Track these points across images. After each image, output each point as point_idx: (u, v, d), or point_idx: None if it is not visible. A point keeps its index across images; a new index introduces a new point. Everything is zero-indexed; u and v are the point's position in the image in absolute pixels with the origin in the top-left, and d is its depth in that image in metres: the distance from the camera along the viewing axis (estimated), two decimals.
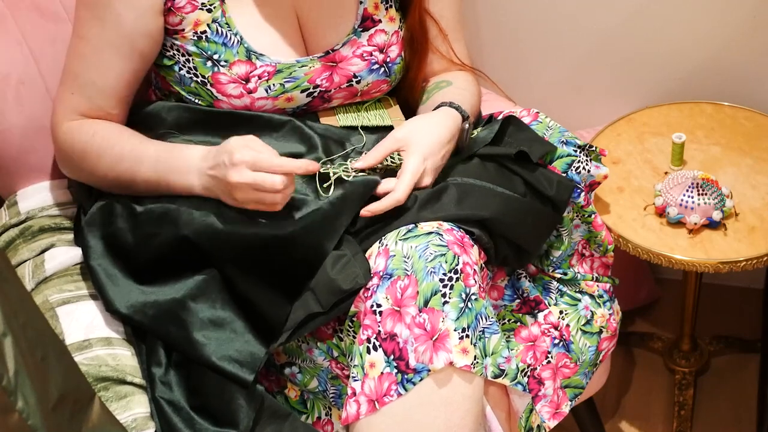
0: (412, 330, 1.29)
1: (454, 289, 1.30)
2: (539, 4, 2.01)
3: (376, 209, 1.37)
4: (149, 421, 1.37)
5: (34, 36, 1.66)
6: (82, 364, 1.36)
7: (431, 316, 1.29)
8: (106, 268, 1.44)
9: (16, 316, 1.13)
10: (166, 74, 1.52)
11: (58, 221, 1.62)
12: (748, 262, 1.65)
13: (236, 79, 1.48)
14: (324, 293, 1.34)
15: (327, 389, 1.44)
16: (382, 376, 1.29)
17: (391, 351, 1.29)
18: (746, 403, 2.07)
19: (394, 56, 1.57)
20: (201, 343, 1.37)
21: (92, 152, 1.47)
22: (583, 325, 1.53)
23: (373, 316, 1.30)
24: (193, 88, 1.50)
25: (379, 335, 1.30)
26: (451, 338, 1.29)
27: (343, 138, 1.52)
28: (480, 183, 1.42)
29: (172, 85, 1.52)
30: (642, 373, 2.16)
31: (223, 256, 1.39)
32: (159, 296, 1.40)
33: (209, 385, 1.38)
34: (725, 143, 1.86)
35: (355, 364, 1.31)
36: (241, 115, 1.50)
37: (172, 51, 1.49)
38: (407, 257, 1.31)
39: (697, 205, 1.68)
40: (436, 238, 1.32)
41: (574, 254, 1.55)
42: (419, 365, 1.28)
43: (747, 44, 1.94)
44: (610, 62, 2.04)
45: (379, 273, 1.32)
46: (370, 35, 1.55)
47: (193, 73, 1.49)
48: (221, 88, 1.49)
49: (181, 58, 1.49)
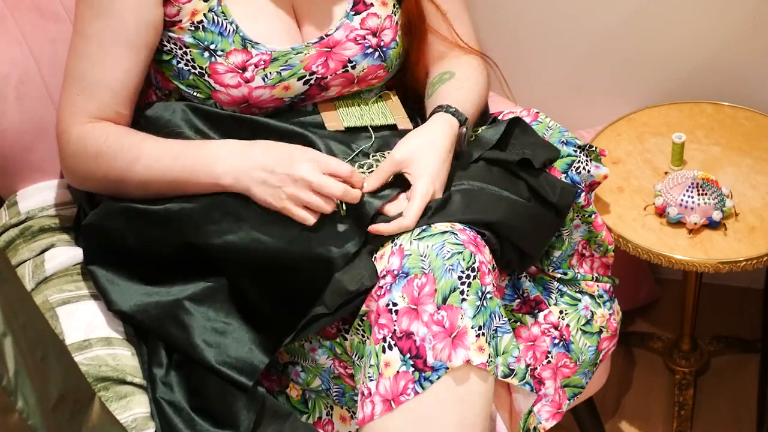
0: (430, 327, 1.28)
1: (471, 286, 1.30)
2: (539, 4, 2.01)
3: (383, 231, 1.35)
4: (149, 421, 1.37)
5: (34, 36, 1.66)
6: (82, 364, 1.36)
7: (450, 313, 1.28)
8: (108, 269, 1.44)
9: (16, 316, 1.13)
10: (165, 69, 1.52)
11: (58, 221, 1.62)
12: (748, 262, 1.65)
13: (233, 69, 1.48)
14: (329, 294, 1.33)
15: (330, 387, 1.44)
16: (398, 375, 1.28)
17: (407, 349, 1.28)
18: (746, 403, 2.07)
19: (388, 41, 1.57)
20: (201, 348, 1.37)
21: (107, 155, 1.44)
22: (583, 325, 1.53)
23: (389, 315, 1.30)
24: (191, 80, 1.50)
25: (395, 334, 1.29)
26: (469, 336, 1.28)
27: (347, 140, 1.51)
28: (486, 186, 1.41)
29: (171, 80, 1.52)
30: (642, 373, 2.16)
31: (231, 266, 1.39)
32: (162, 297, 1.40)
33: (210, 386, 1.38)
34: (725, 143, 1.86)
35: (371, 363, 1.30)
36: (242, 118, 1.50)
37: (170, 45, 1.49)
38: (424, 256, 1.30)
39: (697, 205, 1.68)
40: (452, 237, 1.32)
41: (575, 254, 1.55)
42: (437, 363, 1.28)
43: (747, 44, 1.94)
44: (610, 62, 2.04)
45: (393, 272, 1.31)
46: (363, 18, 1.55)
47: (191, 65, 1.49)
48: (218, 78, 1.48)
49: (179, 51, 1.49)
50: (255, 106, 1.52)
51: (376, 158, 1.48)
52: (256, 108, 1.52)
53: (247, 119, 1.50)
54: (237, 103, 1.50)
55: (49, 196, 1.67)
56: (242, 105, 1.51)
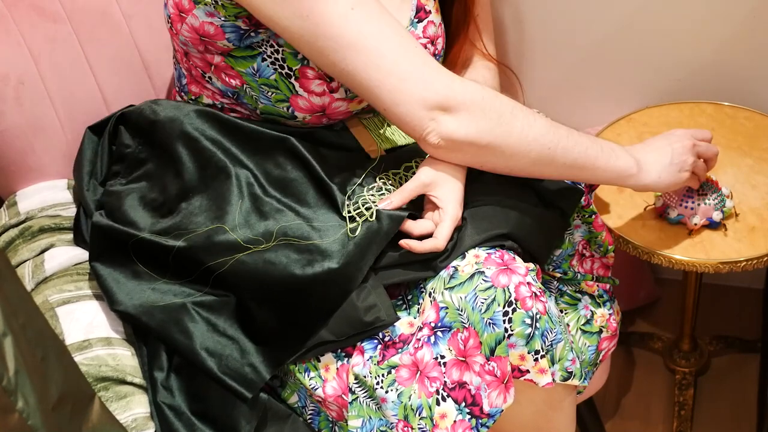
0: (483, 377, 1.29)
1: (515, 321, 1.29)
2: (539, 4, 2.01)
3: (415, 248, 1.33)
4: (149, 421, 1.37)
5: (34, 36, 1.66)
6: (82, 364, 1.36)
7: (500, 363, 1.29)
8: (113, 267, 1.43)
9: (16, 316, 1.13)
10: (238, 65, 1.45)
11: (58, 221, 1.62)
12: (748, 263, 1.65)
13: (322, 76, 1.43)
14: (341, 320, 1.33)
15: (306, 405, 1.43)
16: (455, 424, 1.29)
17: (462, 399, 1.29)
18: (746, 403, 2.07)
19: (440, 49, 1.56)
20: (203, 356, 1.36)
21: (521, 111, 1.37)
22: (583, 324, 1.53)
23: (439, 368, 1.29)
24: (272, 80, 1.44)
25: (446, 386, 1.29)
26: (527, 361, 1.31)
27: (354, 164, 1.49)
28: (493, 198, 1.40)
29: (242, 76, 1.45)
30: (642, 373, 2.16)
31: (242, 285, 1.38)
32: (168, 300, 1.40)
33: (211, 390, 1.38)
34: (725, 143, 1.86)
35: (422, 416, 1.30)
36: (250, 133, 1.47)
37: (261, 41, 1.42)
38: (461, 310, 1.29)
39: (698, 205, 1.68)
40: (480, 280, 1.30)
41: (575, 255, 1.55)
42: (493, 410, 1.29)
43: (747, 44, 1.94)
44: (610, 62, 2.04)
45: (430, 324, 1.30)
46: (424, 27, 1.53)
47: (279, 64, 1.43)
48: (306, 83, 1.44)
49: (269, 48, 1.43)
50: (328, 117, 1.49)
51: (384, 181, 1.46)
52: (327, 119, 1.49)
53: (261, 134, 1.47)
54: (313, 111, 1.47)
55: (49, 196, 1.67)
56: (317, 113, 1.48)
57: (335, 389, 1.37)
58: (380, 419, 1.33)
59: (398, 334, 1.34)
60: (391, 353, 1.33)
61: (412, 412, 1.30)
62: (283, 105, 1.47)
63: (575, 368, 1.36)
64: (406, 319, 1.36)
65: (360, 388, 1.35)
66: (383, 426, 1.32)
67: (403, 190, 1.39)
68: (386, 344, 1.34)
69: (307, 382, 1.38)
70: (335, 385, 1.37)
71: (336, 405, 1.38)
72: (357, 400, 1.35)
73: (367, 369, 1.33)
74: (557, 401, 1.41)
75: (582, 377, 1.39)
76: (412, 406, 1.30)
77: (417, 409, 1.30)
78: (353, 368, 1.34)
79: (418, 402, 1.30)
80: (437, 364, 1.29)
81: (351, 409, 1.34)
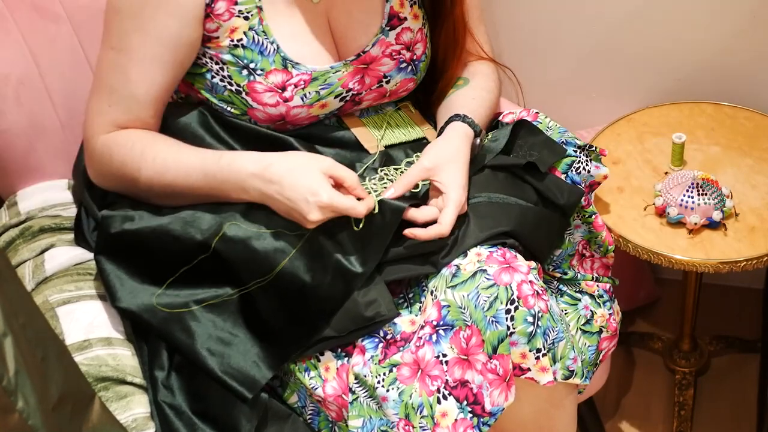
0: (485, 375, 1.29)
1: (517, 319, 1.30)
2: (539, 4, 2.01)
3: (420, 236, 1.35)
4: (149, 421, 1.37)
5: (34, 36, 1.66)
6: (82, 364, 1.36)
7: (502, 362, 1.30)
8: (118, 264, 1.42)
9: (16, 316, 1.13)
10: (196, 82, 1.50)
11: (58, 221, 1.62)
12: (748, 262, 1.65)
13: (272, 88, 1.46)
14: (343, 317, 1.34)
15: (306, 405, 1.43)
16: (456, 422, 1.29)
17: (463, 397, 1.30)
18: (746, 403, 2.07)
19: (420, 54, 1.57)
20: (204, 356, 1.36)
21: (132, 164, 1.43)
22: (583, 324, 1.53)
23: (440, 366, 1.30)
24: (226, 96, 1.48)
25: (447, 384, 1.30)
26: (528, 360, 1.31)
27: (354, 158, 1.51)
28: (494, 196, 1.41)
29: (202, 93, 1.50)
30: (642, 373, 2.16)
31: (249, 276, 1.38)
32: (171, 299, 1.39)
33: (212, 390, 1.38)
34: (725, 143, 1.86)
35: (423, 414, 1.30)
36: (249, 132, 1.49)
37: (205, 59, 1.47)
38: (463, 308, 1.30)
39: (697, 205, 1.68)
40: (483, 278, 1.31)
41: (575, 255, 1.55)
42: (495, 408, 1.30)
43: (747, 44, 1.94)
44: (610, 62, 2.04)
45: (432, 323, 1.31)
46: (397, 33, 1.55)
47: (227, 81, 1.47)
48: (257, 96, 1.47)
49: (215, 66, 1.47)
50: (291, 124, 1.51)
51: (385, 172, 1.48)
52: (291, 125, 1.51)
53: (260, 133, 1.49)
54: (273, 121, 1.49)
55: (49, 196, 1.67)
56: (278, 122, 1.50)
57: (335, 389, 1.37)
58: (381, 419, 1.33)
59: (400, 332, 1.34)
60: (392, 351, 1.33)
61: (413, 411, 1.30)
62: (244, 117, 1.50)
63: (577, 367, 1.36)
64: (407, 318, 1.36)
65: (360, 388, 1.35)
66: (384, 426, 1.32)
67: (407, 177, 1.41)
68: (388, 342, 1.34)
69: (307, 382, 1.38)
70: (335, 384, 1.37)
71: (336, 405, 1.38)
72: (357, 400, 1.35)
73: (367, 368, 1.34)
74: (558, 400, 1.42)
75: (583, 376, 1.39)
76: (413, 404, 1.30)
77: (418, 407, 1.30)
78: (353, 368, 1.35)
79: (419, 400, 1.30)
80: (438, 363, 1.30)
81: (351, 409, 1.35)
